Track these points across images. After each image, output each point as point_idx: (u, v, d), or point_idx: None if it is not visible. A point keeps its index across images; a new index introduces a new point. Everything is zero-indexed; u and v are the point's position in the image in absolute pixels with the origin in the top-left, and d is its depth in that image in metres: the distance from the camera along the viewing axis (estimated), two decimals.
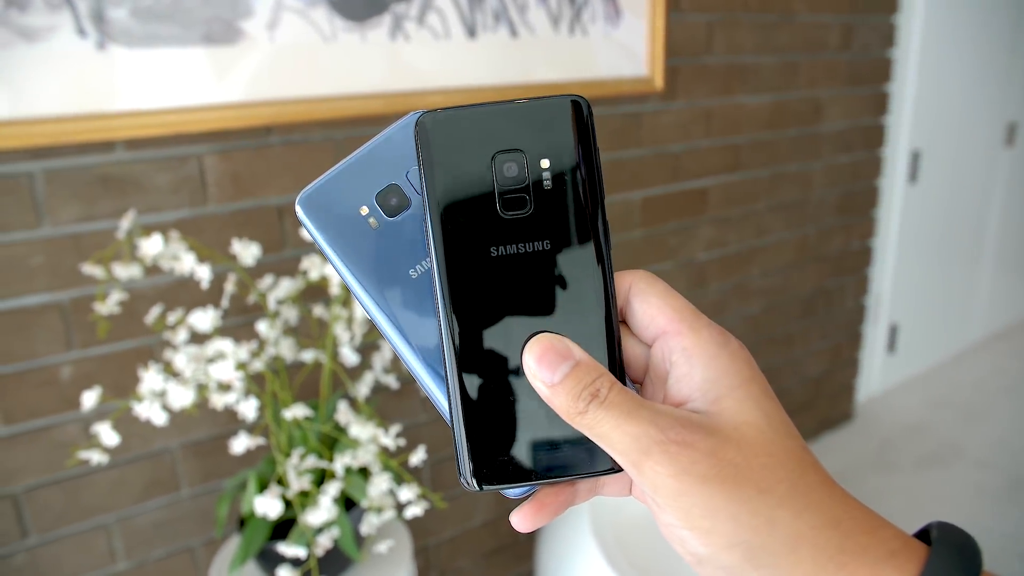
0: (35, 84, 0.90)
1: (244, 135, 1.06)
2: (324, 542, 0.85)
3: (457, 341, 0.29)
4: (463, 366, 0.29)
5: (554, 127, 0.29)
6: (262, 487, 0.93)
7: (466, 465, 0.29)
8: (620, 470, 0.29)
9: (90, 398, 0.82)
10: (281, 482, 0.91)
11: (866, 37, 1.86)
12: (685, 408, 0.28)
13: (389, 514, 0.90)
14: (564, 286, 0.29)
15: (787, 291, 1.92)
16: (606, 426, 0.27)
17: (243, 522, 0.99)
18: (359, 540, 0.97)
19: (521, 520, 0.30)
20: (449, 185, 0.29)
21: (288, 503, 0.91)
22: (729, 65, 1.59)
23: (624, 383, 0.29)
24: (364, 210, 0.31)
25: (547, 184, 0.29)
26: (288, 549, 0.85)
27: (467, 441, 0.29)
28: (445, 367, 0.29)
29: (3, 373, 0.97)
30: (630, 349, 0.31)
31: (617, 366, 0.29)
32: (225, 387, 0.84)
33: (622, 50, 1.37)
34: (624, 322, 0.31)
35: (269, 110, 1.04)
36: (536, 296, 0.29)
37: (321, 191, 0.31)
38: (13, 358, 0.97)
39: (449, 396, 0.29)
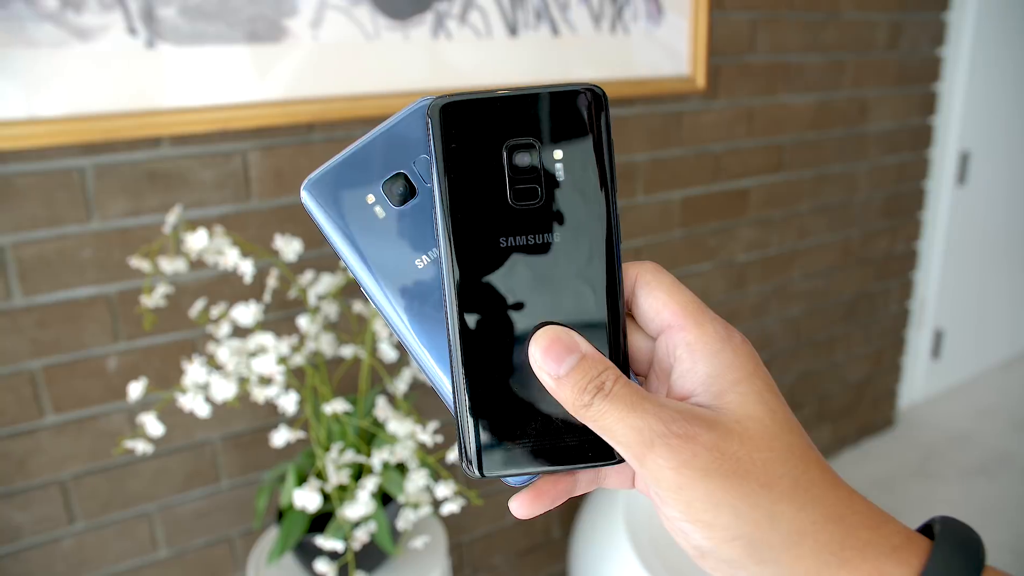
0: (88, 82, 0.92)
1: (287, 132, 1.08)
2: (361, 536, 0.86)
3: (464, 329, 0.29)
4: (469, 354, 0.29)
5: (568, 117, 0.29)
6: (301, 480, 0.94)
7: (469, 452, 0.29)
8: (621, 461, 0.29)
9: (136, 389, 0.84)
10: (320, 476, 0.92)
11: (915, 35, 1.82)
12: (689, 402, 0.28)
13: (425, 510, 0.91)
14: (572, 278, 0.29)
15: (829, 294, 1.89)
16: (610, 418, 0.27)
17: (281, 514, 1.00)
18: (395, 535, 0.97)
19: (519, 507, 0.30)
20: (459, 173, 0.29)
21: (326, 497, 0.92)
22: (773, 64, 1.56)
23: (629, 376, 0.29)
24: (370, 198, 0.30)
25: (559, 175, 0.29)
26: (326, 542, 0.86)
27: (471, 428, 0.29)
28: (451, 354, 0.29)
29: (53, 363, 1.00)
30: (635, 342, 0.31)
31: (622, 359, 0.29)
32: (266, 381, 0.85)
33: (664, 49, 1.36)
34: (629, 314, 0.31)
35: (312, 107, 1.06)
36: (544, 287, 0.29)
37: (327, 177, 0.30)
38: (62, 348, 1.00)
39: (454, 383, 0.29)
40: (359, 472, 0.96)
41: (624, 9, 1.29)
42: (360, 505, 0.85)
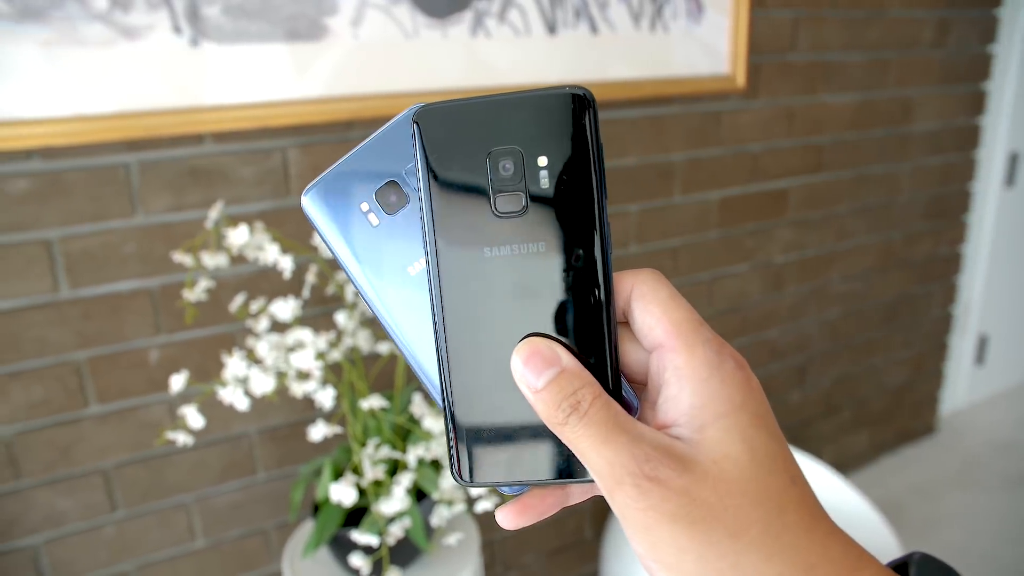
0: (134, 80, 0.94)
1: (326, 129, 1.09)
2: (396, 531, 0.86)
3: (451, 341, 0.28)
4: (456, 365, 0.29)
5: (553, 122, 0.28)
6: (336, 475, 0.95)
7: (458, 461, 0.29)
8: None
9: (178, 381, 0.85)
10: (356, 471, 0.93)
11: (963, 32, 1.78)
12: (670, 432, 0.27)
13: (459, 507, 0.91)
14: (559, 289, 0.28)
15: (869, 297, 1.85)
16: (584, 444, 0.26)
17: (316, 508, 1.01)
18: (429, 531, 0.98)
19: (505, 518, 0.30)
20: (443, 182, 0.28)
21: (362, 492, 0.93)
22: (814, 63, 1.54)
23: (620, 388, 0.29)
24: (364, 206, 0.30)
25: (544, 183, 0.28)
26: (361, 537, 0.87)
27: (459, 438, 0.29)
28: (439, 363, 0.29)
29: (97, 355, 1.02)
30: (632, 352, 0.30)
31: (609, 374, 0.28)
32: (304, 375, 0.86)
33: (703, 47, 1.34)
34: (626, 324, 0.30)
35: (351, 105, 1.06)
36: (530, 299, 0.28)
37: (326, 186, 0.30)
38: (106, 340, 1.02)
39: (443, 391, 0.29)
40: (394, 468, 0.96)
41: (664, 7, 1.28)
42: (395, 501, 0.85)
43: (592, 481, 0.29)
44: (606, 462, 0.26)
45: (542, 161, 0.28)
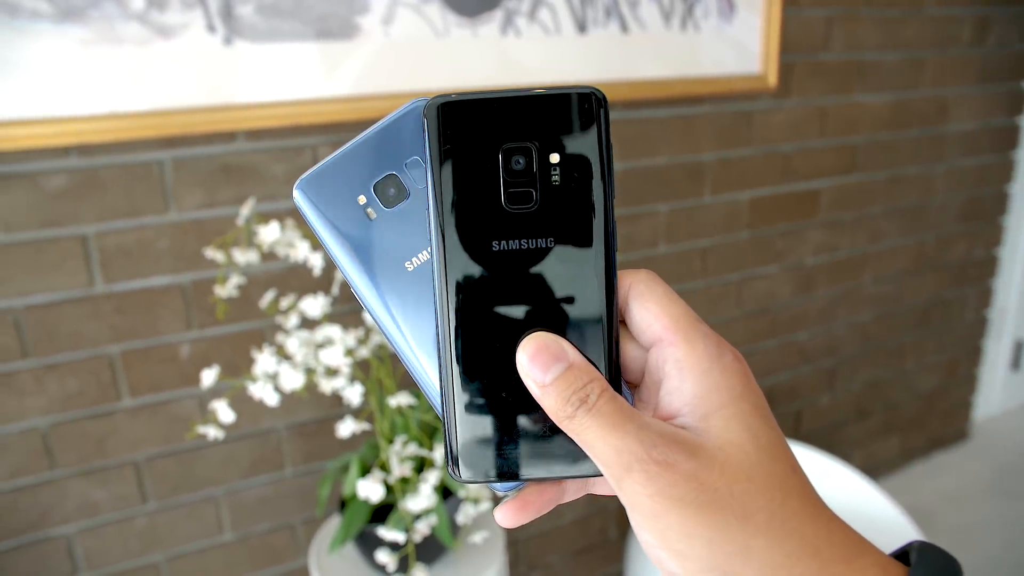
0: (168, 78, 0.95)
1: (356, 127, 1.09)
2: (422, 528, 0.87)
3: (454, 334, 0.28)
4: (458, 359, 0.29)
5: (567, 120, 0.28)
6: (364, 471, 0.95)
7: (455, 456, 0.29)
8: None
9: (209, 376, 0.86)
10: (383, 468, 0.93)
11: (1004, 30, 1.74)
12: (673, 422, 0.28)
13: (485, 505, 0.91)
14: (565, 285, 0.28)
15: (901, 300, 1.82)
16: (591, 435, 0.26)
17: (343, 504, 1.02)
18: (454, 529, 0.98)
19: (504, 516, 0.30)
20: (454, 174, 0.28)
21: (389, 488, 0.93)
22: (847, 62, 1.52)
23: (620, 388, 0.29)
24: (362, 199, 0.30)
25: (555, 179, 0.28)
26: (388, 533, 0.87)
27: (458, 434, 0.29)
28: (440, 358, 0.29)
29: (130, 349, 1.04)
30: (628, 351, 0.30)
31: (612, 370, 0.29)
32: (333, 372, 0.87)
33: (735, 46, 1.33)
34: (622, 323, 0.30)
35: (381, 104, 1.07)
36: (536, 294, 0.28)
37: (320, 177, 0.30)
38: (138, 335, 1.04)
39: (442, 386, 0.29)
40: (421, 465, 0.96)
41: (695, 6, 1.27)
42: (422, 498, 0.86)
43: (589, 475, 0.29)
44: (614, 450, 0.26)
45: (554, 158, 0.28)
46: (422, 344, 0.30)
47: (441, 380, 0.29)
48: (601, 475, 0.29)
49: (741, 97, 1.41)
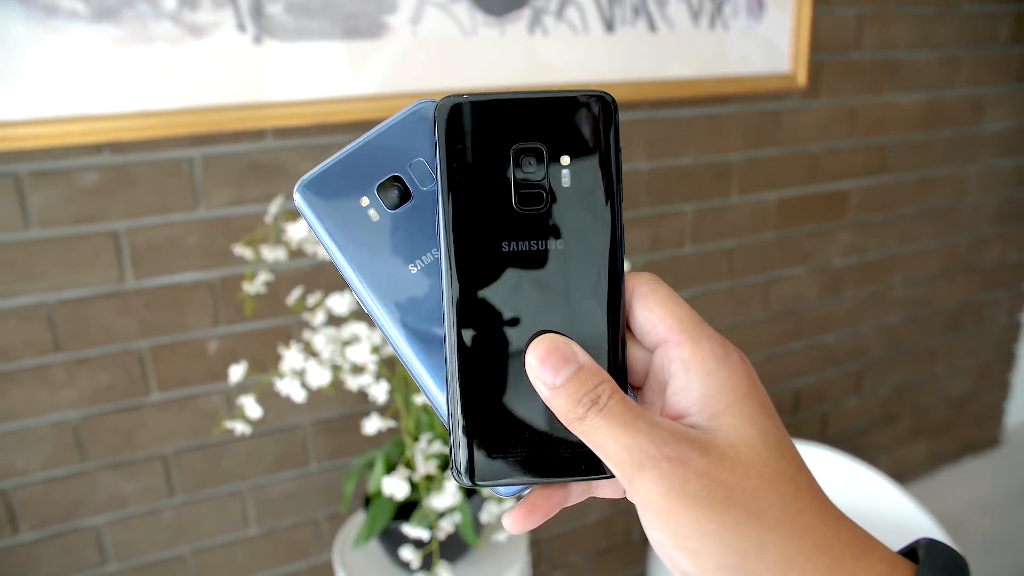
0: (199, 76, 0.96)
1: None
2: (446, 526, 0.87)
3: (461, 334, 0.28)
4: (465, 360, 0.28)
5: (577, 123, 0.28)
6: (389, 468, 0.96)
7: (461, 460, 0.29)
8: (613, 476, 0.29)
9: (237, 372, 0.87)
10: (408, 465, 0.93)
11: None
12: (682, 422, 0.27)
13: (509, 504, 0.91)
14: (574, 287, 0.28)
15: (931, 303, 1.79)
16: (602, 435, 0.26)
17: (368, 500, 1.02)
18: (478, 527, 0.98)
19: (513, 522, 0.30)
20: (465, 174, 0.28)
21: (414, 486, 0.94)
22: (879, 61, 1.50)
23: (626, 389, 0.29)
24: (365, 201, 0.30)
25: (565, 182, 0.28)
26: (412, 530, 0.87)
27: (464, 436, 0.29)
28: (446, 360, 0.29)
29: (159, 344, 1.05)
30: (631, 354, 0.30)
31: (620, 373, 0.29)
32: (359, 369, 0.87)
33: (764, 45, 1.32)
34: (626, 326, 0.30)
35: (407, 102, 1.07)
36: (545, 295, 0.28)
37: (322, 179, 0.30)
38: (167, 330, 1.05)
39: (448, 388, 0.29)
40: (446, 463, 0.97)
41: (724, 5, 1.26)
42: (447, 496, 0.86)
43: (596, 478, 0.29)
44: (625, 449, 0.26)
45: (564, 160, 0.28)
46: (424, 347, 0.30)
47: (447, 383, 0.29)
48: (609, 476, 0.29)
49: (769, 97, 1.39)
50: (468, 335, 0.28)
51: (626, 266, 0.30)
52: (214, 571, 1.17)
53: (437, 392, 0.30)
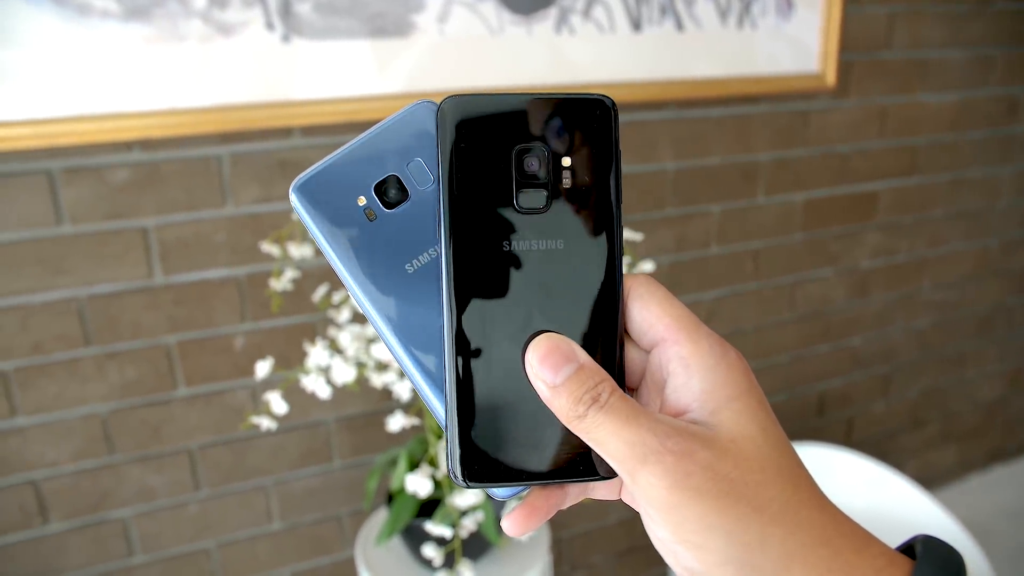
0: (227, 74, 0.97)
1: None
2: (469, 525, 0.87)
3: (460, 333, 0.28)
4: (463, 360, 0.28)
5: (579, 125, 0.29)
6: (412, 466, 0.96)
7: (457, 460, 0.29)
8: (614, 476, 0.29)
9: (263, 368, 0.88)
10: (432, 463, 0.94)
11: None
12: (683, 418, 0.28)
13: None
14: (573, 287, 0.29)
15: (961, 306, 1.76)
16: (603, 431, 0.27)
17: (391, 497, 1.03)
18: (500, 526, 0.98)
19: (512, 525, 0.30)
20: (466, 174, 0.28)
21: (437, 483, 0.94)
22: (910, 60, 1.47)
23: (625, 385, 0.29)
24: (362, 200, 0.30)
25: (566, 183, 0.29)
26: (435, 528, 0.88)
27: (460, 436, 0.28)
28: (444, 359, 0.29)
29: (186, 339, 1.06)
30: (627, 354, 0.30)
31: (619, 372, 0.29)
32: (383, 367, 0.88)
33: (792, 44, 1.30)
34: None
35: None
36: (544, 295, 0.28)
37: (318, 178, 0.30)
38: (195, 326, 1.06)
39: (446, 388, 0.29)
40: None
41: (752, 4, 1.24)
42: (470, 494, 0.86)
43: (595, 478, 0.29)
44: (627, 444, 0.26)
45: (566, 161, 0.29)
46: (421, 347, 0.30)
47: (445, 382, 0.29)
48: (607, 478, 0.29)
49: (798, 96, 1.38)
50: (466, 335, 0.28)
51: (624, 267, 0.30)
52: (237, 565, 1.18)
53: (432, 393, 0.30)
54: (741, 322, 1.48)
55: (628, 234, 0.97)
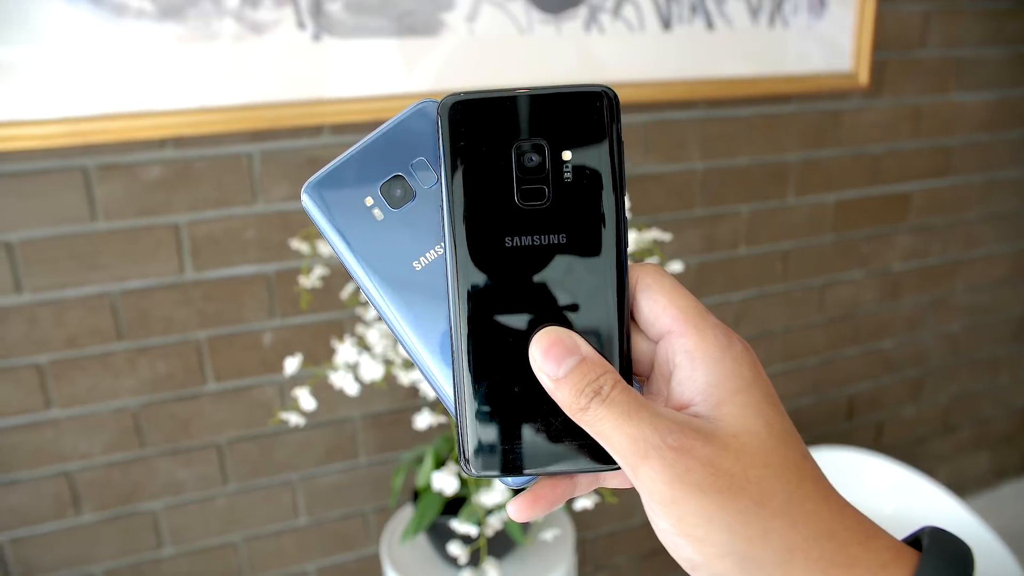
0: (259, 73, 0.98)
1: None
2: (494, 523, 0.87)
3: (467, 328, 0.29)
4: (471, 353, 0.29)
5: (579, 118, 0.29)
6: (438, 463, 0.96)
7: (467, 450, 0.29)
8: (619, 467, 0.29)
9: (292, 364, 0.88)
10: (458, 461, 0.94)
11: None
12: (687, 411, 0.28)
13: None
14: (577, 280, 0.29)
15: (995, 310, 1.73)
16: (606, 425, 0.27)
17: (416, 495, 1.03)
18: (526, 525, 0.98)
19: (517, 510, 0.30)
20: (468, 171, 0.29)
21: (463, 481, 0.94)
22: (945, 59, 1.45)
23: (631, 380, 0.29)
24: (369, 201, 0.30)
25: (567, 176, 0.29)
26: (460, 526, 0.88)
27: (469, 427, 0.29)
28: (453, 353, 0.29)
29: (216, 335, 1.07)
30: (636, 345, 0.30)
31: (624, 364, 0.29)
32: (410, 364, 0.88)
33: (825, 43, 1.29)
34: (631, 316, 0.30)
35: None
36: (548, 289, 0.29)
37: (328, 180, 0.30)
38: (224, 322, 1.07)
39: (455, 381, 0.29)
40: None
41: (784, 2, 1.23)
42: (496, 492, 0.86)
43: (601, 469, 0.29)
44: (629, 439, 0.26)
45: (566, 155, 0.29)
46: (431, 343, 0.30)
47: (454, 375, 0.29)
48: (613, 468, 0.29)
49: (830, 96, 1.36)
50: (473, 329, 0.29)
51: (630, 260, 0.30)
52: (264, 559, 1.19)
53: (444, 384, 0.30)
54: (769, 324, 1.46)
55: (657, 234, 0.96)
